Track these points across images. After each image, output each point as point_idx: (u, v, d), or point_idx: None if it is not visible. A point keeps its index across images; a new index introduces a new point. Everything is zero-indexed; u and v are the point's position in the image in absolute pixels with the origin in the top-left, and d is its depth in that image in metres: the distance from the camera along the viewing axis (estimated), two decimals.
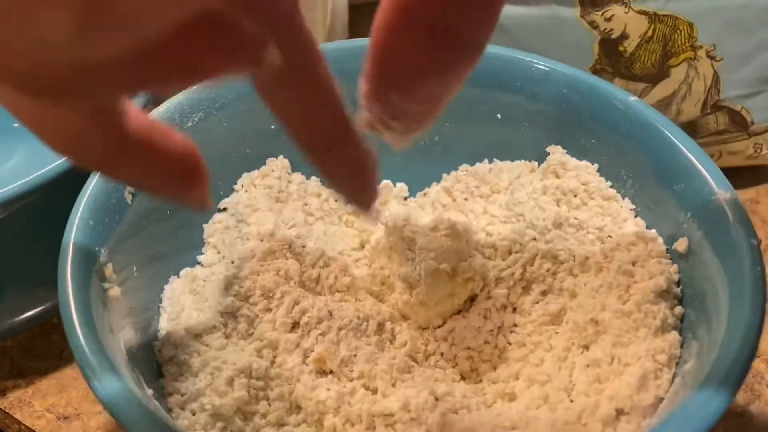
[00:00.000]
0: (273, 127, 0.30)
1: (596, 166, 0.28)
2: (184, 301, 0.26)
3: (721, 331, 0.20)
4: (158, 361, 0.24)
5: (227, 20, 0.12)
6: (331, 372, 0.24)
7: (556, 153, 0.29)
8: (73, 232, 0.21)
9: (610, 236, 0.26)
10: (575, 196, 0.28)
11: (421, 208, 0.31)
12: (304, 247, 0.28)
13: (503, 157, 0.30)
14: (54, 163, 0.25)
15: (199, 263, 0.28)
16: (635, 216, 0.26)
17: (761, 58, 0.32)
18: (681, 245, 0.23)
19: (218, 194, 0.29)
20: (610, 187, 0.27)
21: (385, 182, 0.32)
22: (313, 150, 0.17)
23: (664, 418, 0.18)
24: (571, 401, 0.22)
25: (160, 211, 0.26)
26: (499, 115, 0.30)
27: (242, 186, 0.29)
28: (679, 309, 0.23)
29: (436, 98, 0.18)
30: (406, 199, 0.32)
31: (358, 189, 0.18)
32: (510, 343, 0.26)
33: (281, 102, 0.16)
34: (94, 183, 0.23)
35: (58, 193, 0.25)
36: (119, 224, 0.23)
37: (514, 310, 0.27)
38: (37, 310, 0.28)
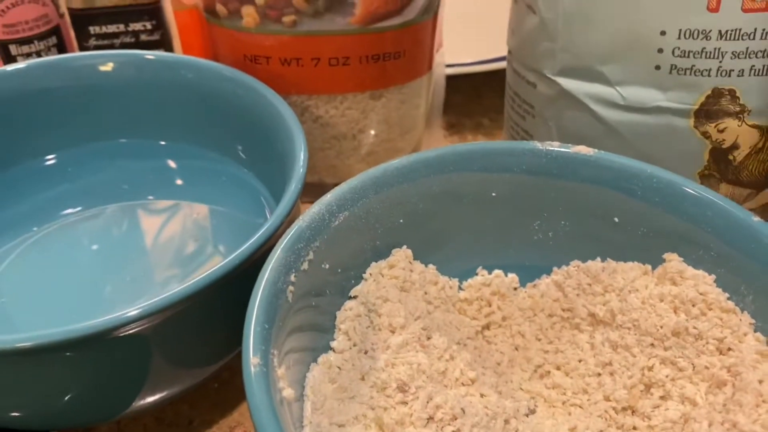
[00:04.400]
0: (401, 221, 0.32)
1: (713, 276, 0.29)
2: (325, 390, 0.27)
3: None
4: None
5: None
6: None
7: (673, 261, 0.30)
8: (251, 338, 0.23)
9: (730, 349, 0.27)
10: (693, 305, 0.29)
11: (531, 298, 0.33)
12: (429, 338, 0.30)
13: (616, 257, 0.32)
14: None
15: (331, 349, 0.30)
16: (755, 331, 0.28)
17: None
18: None
19: (350, 283, 0.31)
20: (728, 299, 0.29)
21: (497, 272, 0.33)
22: None
23: None
24: None
25: (306, 303, 0.28)
26: (616, 219, 0.31)
27: (371, 275, 0.31)
28: None
29: None
30: (516, 289, 0.33)
31: None
32: None
33: None
34: (264, 283, 0.25)
35: (211, 295, 0.26)
36: (284, 323, 0.25)
37: (633, 412, 0.28)
38: (176, 389, 0.29)
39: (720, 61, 0.31)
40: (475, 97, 0.55)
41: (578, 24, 0.33)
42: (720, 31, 0.30)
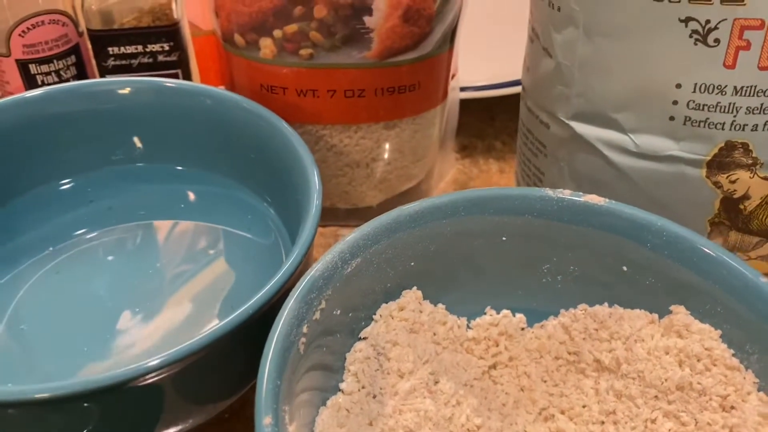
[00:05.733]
0: (412, 263, 0.32)
1: (719, 332, 0.30)
2: None
3: None
4: None
5: None
6: None
7: (680, 314, 0.30)
8: (263, 399, 0.23)
9: (733, 407, 0.28)
10: (699, 360, 0.29)
11: (538, 339, 0.33)
12: (437, 383, 0.30)
13: (623, 304, 0.32)
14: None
15: (340, 390, 0.30)
16: (759, 390, 0.28)
17: None
18: None
19: (360, 324, 0.31)
20: (733, 355, 0.29)
21: (504, 312, 0.34)
22: None
23: None
24: None
25: (316, 344, 0.28)
26: (625, 267, 0.32)
27: (381, 316, 0.32)
28: None
29: None
30: (523, 329, 0.34)
31: None
32: None
33: None
34: (277, 337, 0.25)
35: (229, 340, 0.27)
36: (294, 374, 0.25)
37: None
38: (189, 425, 0.30)
39: (734, 116, 0.31)
40: (488, 119, 0.55)
41: (594, 72, 0.33)
42: (735, 87, 0.30)
